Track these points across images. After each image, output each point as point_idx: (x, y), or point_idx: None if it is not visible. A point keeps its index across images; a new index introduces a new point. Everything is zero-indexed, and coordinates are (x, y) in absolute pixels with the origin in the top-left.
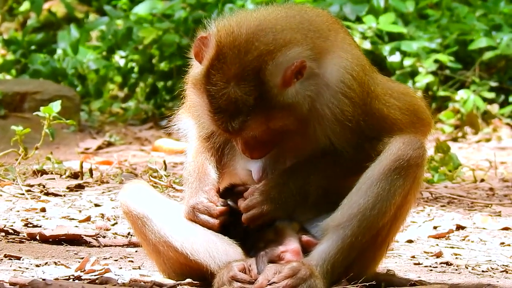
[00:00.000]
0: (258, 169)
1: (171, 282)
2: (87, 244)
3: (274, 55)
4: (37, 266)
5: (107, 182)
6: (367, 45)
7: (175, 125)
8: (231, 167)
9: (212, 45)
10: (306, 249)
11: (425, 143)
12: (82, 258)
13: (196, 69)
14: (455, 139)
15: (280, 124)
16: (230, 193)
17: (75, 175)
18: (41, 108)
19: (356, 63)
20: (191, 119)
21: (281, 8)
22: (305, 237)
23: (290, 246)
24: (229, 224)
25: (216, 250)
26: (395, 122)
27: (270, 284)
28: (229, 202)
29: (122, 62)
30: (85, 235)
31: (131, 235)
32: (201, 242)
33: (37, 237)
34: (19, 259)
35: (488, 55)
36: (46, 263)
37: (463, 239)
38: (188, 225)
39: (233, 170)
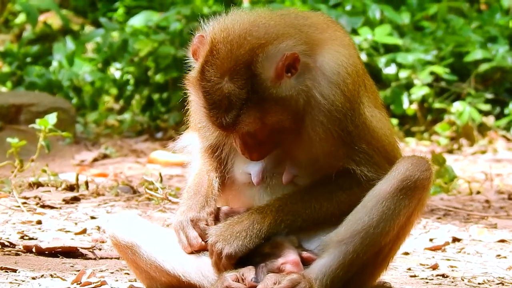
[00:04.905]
0: (258, 173)
1: None
2: (83, 257)
3: (265, 48)
4: (33, 278)
5: (103, 195)
6: (362, 57)
7: (180, 142)
8: (232, 173)
9: (207, 42)
10: (305, 264)
11: (432, 165)
12: (78, 270)
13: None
14: (450, 151)
15: (274, 119)
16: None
17: (71, 188)
18: (37, 120)
19: (352, 62)
20: (195, 134)
21: (278, 10)
22: (305, 254)
23: (289, 258)
24: None
25: (208, 269)
26: (373, 135)
27: None
28: None
29: (117, 74)
30: (81, 248)
31: None
32: (192, 262)
33: (33, 250)
34: (15, 272)
35: (483, 67)
36: (42, 275)
37: (459, 251)
38: (177, 248)
39: (234, 176)
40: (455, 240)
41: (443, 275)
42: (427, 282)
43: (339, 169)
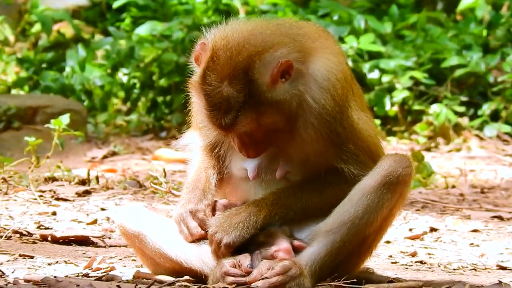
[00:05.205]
0: (253, 168)
1: (171, 279)
2: (94, 245)
3: (262, 55)
4: (49, 264)
5: (112, 188)
6: (349, 63)
7: (182, 140)
8: (230, 169)
9: (209, 49)
10: (296, 251)
11: (412, 163)
12: (90, 257)
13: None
14: (428, 149)
15: (269, 120)
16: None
17: (83, 182)
18: (52, 120)
19: (341, 69)
20: (196, 134)
21: (274, 19)
22: (296, 242)
23: (282, 246)
24: None
25: (208, 256)
26: (360, 137)
27: (262, 279)
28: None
29: (125, 79)
30: (92, 237)
31: None
32: (193, 250)
33: (49, 238)
34: (33, 258)
35: (459, 72)
36: (57, 261)
37: (436, 240)
38: (180, 237)
39: (231, 171)
40: (432, 230)
41: (421, 262)
42: (407, 268)
43: (328, 167)
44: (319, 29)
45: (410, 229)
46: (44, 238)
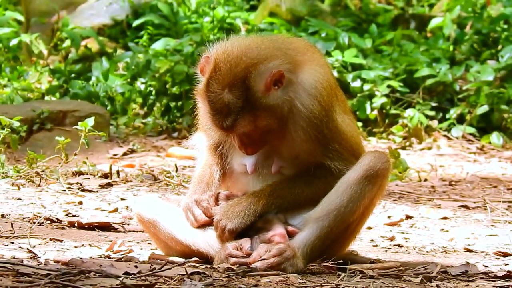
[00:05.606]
0: (252, 164)
1: (181, 260)
2: (115, 230)
3: (257, 66)
4: (75, 247)
5: (131, 181)
6: (334, 73)
7: (191, 140)
8: (231, 164)
9: (212, 61)
10: (290, 236)
11: (390, 158)
12: (111, 241)
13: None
14: (403, 148)
15: (264, 123)
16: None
17: (105, 176)
18: (79, 123)
19: (326, 78)
20: (202, 135)
21: (268, 36)
22: (290, 228)
23: (278, 231)
24: None
25: (214, 240)
26: (344, 137)
27: (261, 260)
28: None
29: (142, 87)
30: (113, 223)
31: None
32: (200, 235)
33: (76, 224)
34: (61, 242)
35: (429, 81)
36: (83, 245)
37: (411, 226)
38: (188, 224)
39: (232, 167)
40: (408, 217)
41: (398, 245)
42: (386, 251)
43: (317, 163)
44: (308, 44)
45: (389, 217)
46: (71, 224)
